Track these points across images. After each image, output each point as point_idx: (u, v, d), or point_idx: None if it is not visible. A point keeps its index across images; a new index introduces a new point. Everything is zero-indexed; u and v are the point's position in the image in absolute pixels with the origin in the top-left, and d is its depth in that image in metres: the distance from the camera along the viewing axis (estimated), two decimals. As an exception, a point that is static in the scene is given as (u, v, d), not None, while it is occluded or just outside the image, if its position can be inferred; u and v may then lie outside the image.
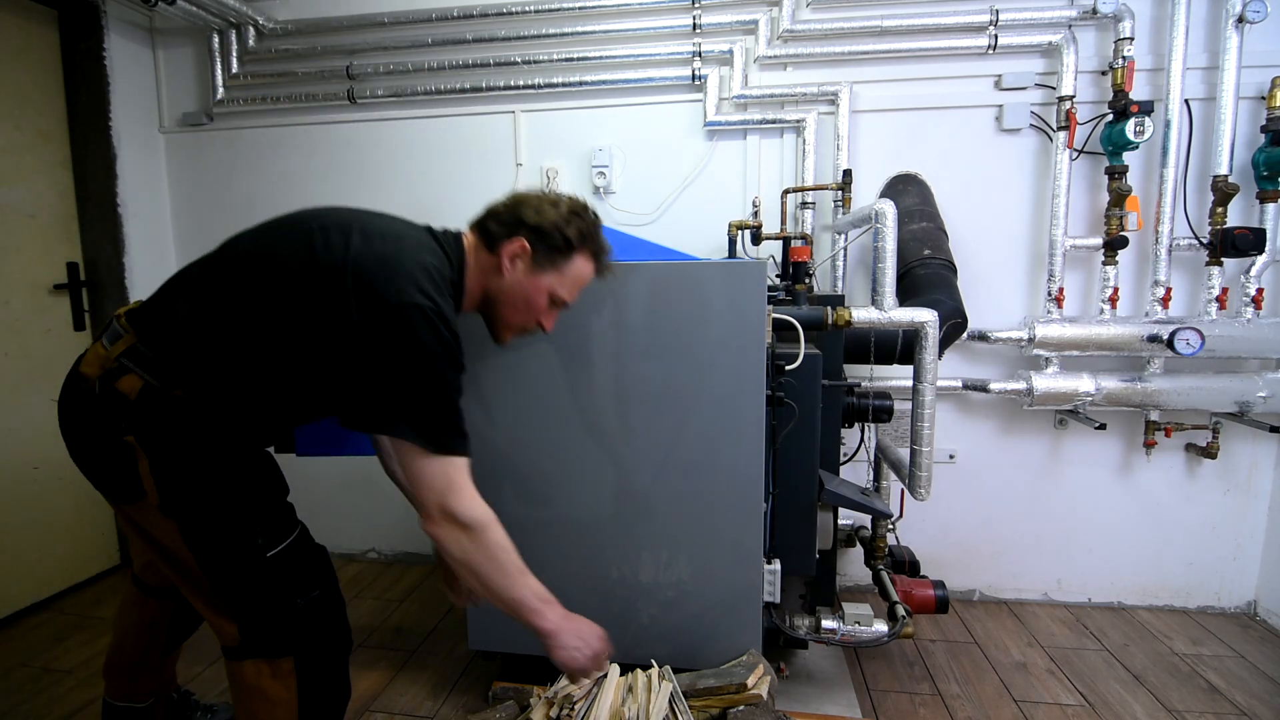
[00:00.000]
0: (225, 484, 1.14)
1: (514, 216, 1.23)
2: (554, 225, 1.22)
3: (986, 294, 2.22)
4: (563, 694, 1.48)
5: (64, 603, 2.33)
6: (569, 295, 1.29)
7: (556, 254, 1.24)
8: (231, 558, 1.16)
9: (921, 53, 2.17)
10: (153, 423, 1.09)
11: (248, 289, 1.10)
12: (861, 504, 1.65)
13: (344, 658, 1.29)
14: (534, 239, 1.22)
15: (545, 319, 1.29)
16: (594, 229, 1.28)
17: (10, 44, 2.23)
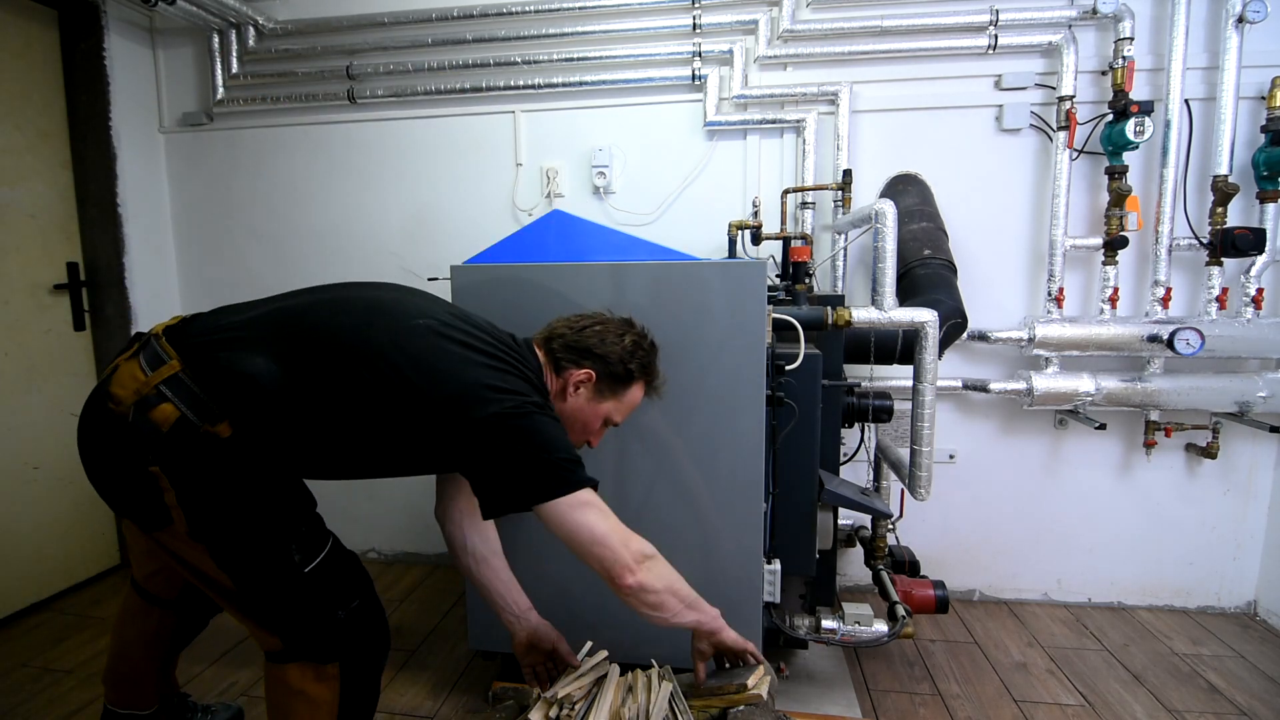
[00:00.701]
0: (255, 508, 1.12)
1: (583, 346, 1.29)
2: (619, 358, 1.29)
3: (986, 294, 2.22)
4: (563, 694, 1.48)
5: (64, 603, 2.33)
6: (621, 419, 1.36)
7: (618, 383, 1.31)
8: (269, 577, 1.15)
9: (921, 53, 2.17)
10: (182, 457, 1.06)
11: (346, 377, 1.09)
12: (861, 504, 1.65)
13: (383, 661, 1.31)
14: (599, 368, 1.29)
15: (594, 439, 1.37)
16: (653, 358, 1.36)
17: (10, 44, 2.23)
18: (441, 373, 1.10)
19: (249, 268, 2.61)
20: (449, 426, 1.10)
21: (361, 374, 1.09)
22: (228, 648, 2.03)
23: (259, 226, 2.61)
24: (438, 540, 2.64)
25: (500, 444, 1.09)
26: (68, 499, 2.39)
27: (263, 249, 2.59)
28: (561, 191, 2.41)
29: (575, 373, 1.28)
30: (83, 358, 2.45)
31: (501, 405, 1.09)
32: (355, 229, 2.55)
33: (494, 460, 1.10)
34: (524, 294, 1.55)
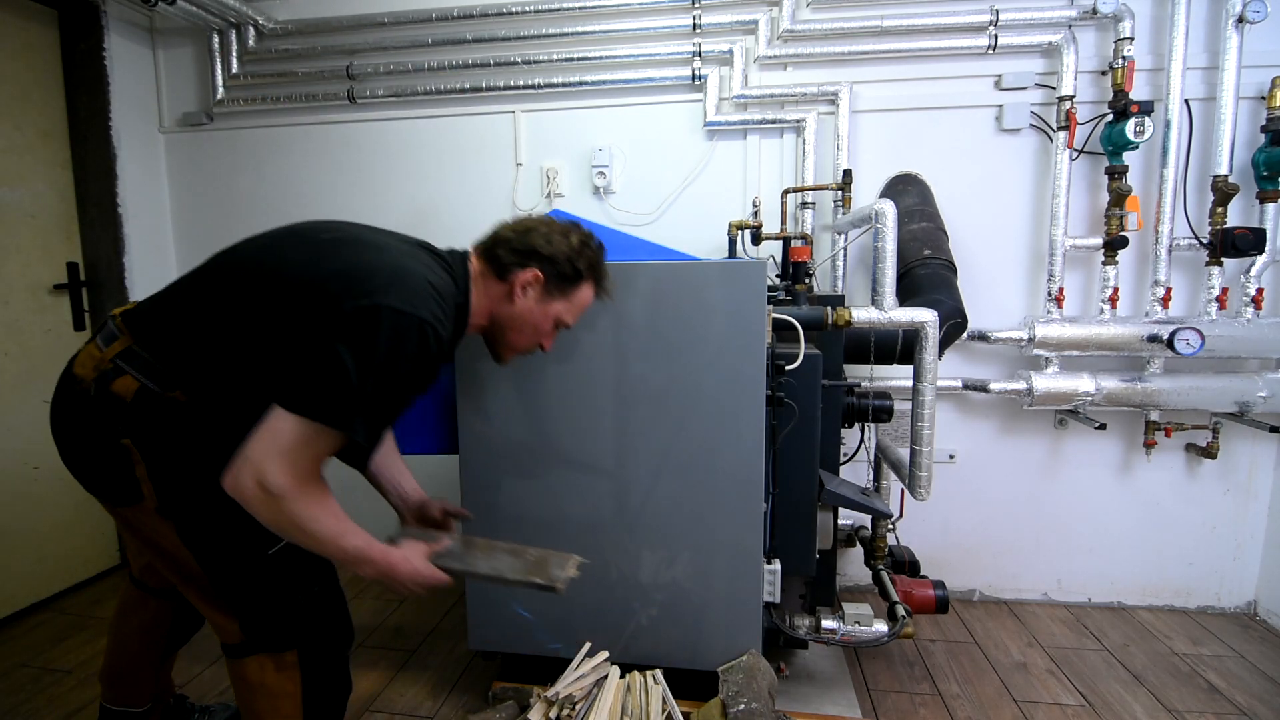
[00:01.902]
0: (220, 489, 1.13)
1: (527, 246, 1.25)
2: (566, 256, 1.26)
3: (986, 294, 2.22)
4: (563, 694, 1.48)
5: (64, 603, 2.33)
6: (573, 320, 1.34)
7: (566, 283, 1.28)
8: (232, 556, 1.16)
9: (921, 53, 2.17)
10: (149, 426, 1.09)
11: (246, 298, 1.09)
12: (861, 504, 1.65)
13: (345, 651, 1.30)
14: (546, 269, 1.26)
15: (547, 341, 1.34)
16: (600, 257, 1.33)
17: (10, 44, 2.23)
18: (332, 258, 1.10)
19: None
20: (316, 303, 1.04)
21: (269, 297, 1.08)
22: (228, 648, 2.04)
23: (259, 226, 2.55)
24: (438, 540, 2.65)
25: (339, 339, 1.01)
26: (68, 499, 2.39)
27: (263, 249, 2.60)
28: (561, 191, 2.41)
29: (522, 274, 1.25)
30: (83, 358, 2.45)
31: (377, 298, 1.03)
32: (355, 229, 2.55)
33: (315, 349, 1.02)
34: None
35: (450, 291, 1.17)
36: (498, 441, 1.61)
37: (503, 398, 1.59)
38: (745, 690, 1.45)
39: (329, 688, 1.26)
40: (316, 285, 1.06)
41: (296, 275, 1.09)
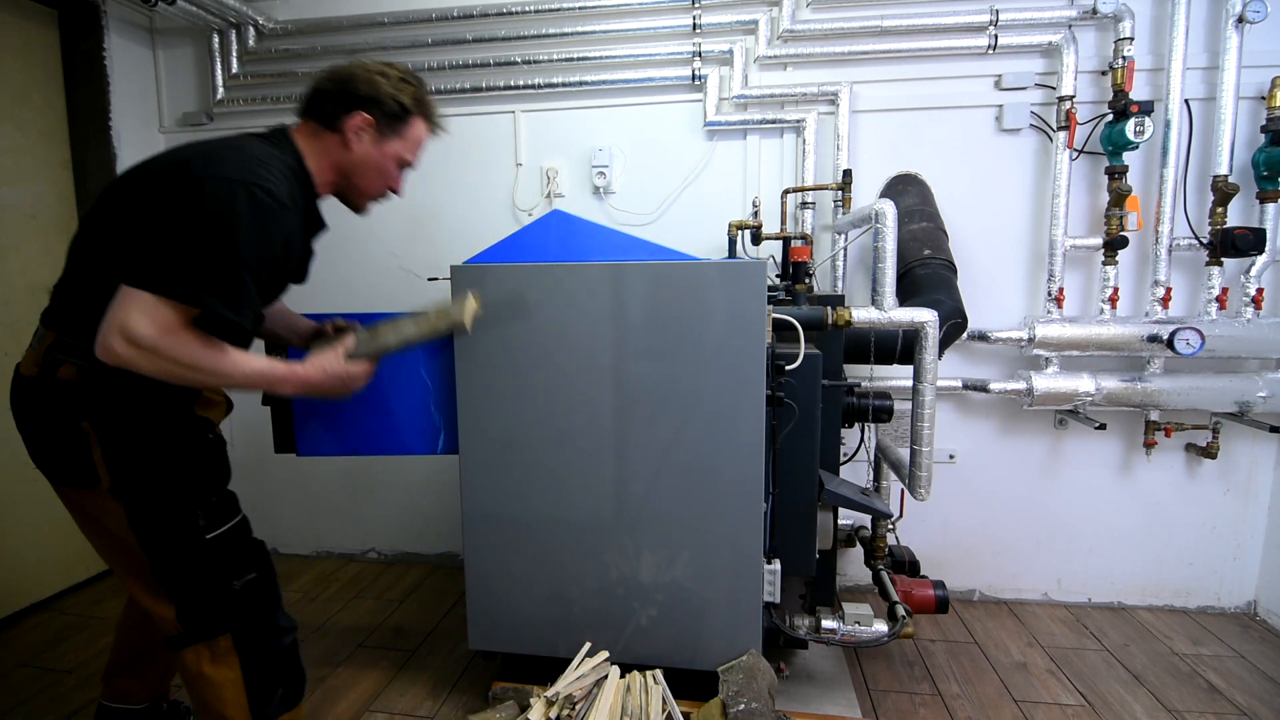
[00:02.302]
0: (172, 467, 1.20)
1: (348, 92, 1.28)
2: (390, 95, 1.28)
3: (986, 294, 2.22)
4: (563, 694, 1.48)
5: (64, 603, 2.33)
6: (413, 158, 1.37)
7: (396, 121, 1.31)
8: (173, 538, 1.21)
9: (921, 53, 2.17)
10: (99, 403, 1.15)
11: (108, 235, 1.15)
12: (861, 504, 1.65)
13: (284, 640, 1.31)
14: (374, 111, 1.28)
15: (396, 184, 1.39)
16: (424, 92, 1.35)
17: (10, 44, 2.23)
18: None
19: (249, 268, 2.61)
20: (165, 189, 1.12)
21: (120, 222, 1.15)
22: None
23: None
24: (438, 540, 2.65)
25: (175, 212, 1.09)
26: (68, 499, 2.39)
27: (263, 249, 2.60)
28: (561, 191, 2.41)
29: (351, 120, 1.27)
30: (83, 358, 2.45)
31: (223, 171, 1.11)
32: (354, 228, 2.54)
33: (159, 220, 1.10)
34: (524, 294, 1.55)
35: (274, 154, 1.21)
36: (498, 441, 1.61)
37: (503, 398, 1.59)
38: (745, 690, 1.45)
39: (272, 674, 1.28)
40: (148, 190, 1.15)
41: (132, 193, 1.17)
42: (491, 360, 1.58)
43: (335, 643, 2.07)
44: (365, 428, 1.70)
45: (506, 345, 1.57)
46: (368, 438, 1.71)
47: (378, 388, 1.69)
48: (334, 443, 1.71)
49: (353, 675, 1.90)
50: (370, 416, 1.70)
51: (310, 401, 1.69)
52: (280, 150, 1.24)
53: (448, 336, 1.41)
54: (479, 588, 1.67)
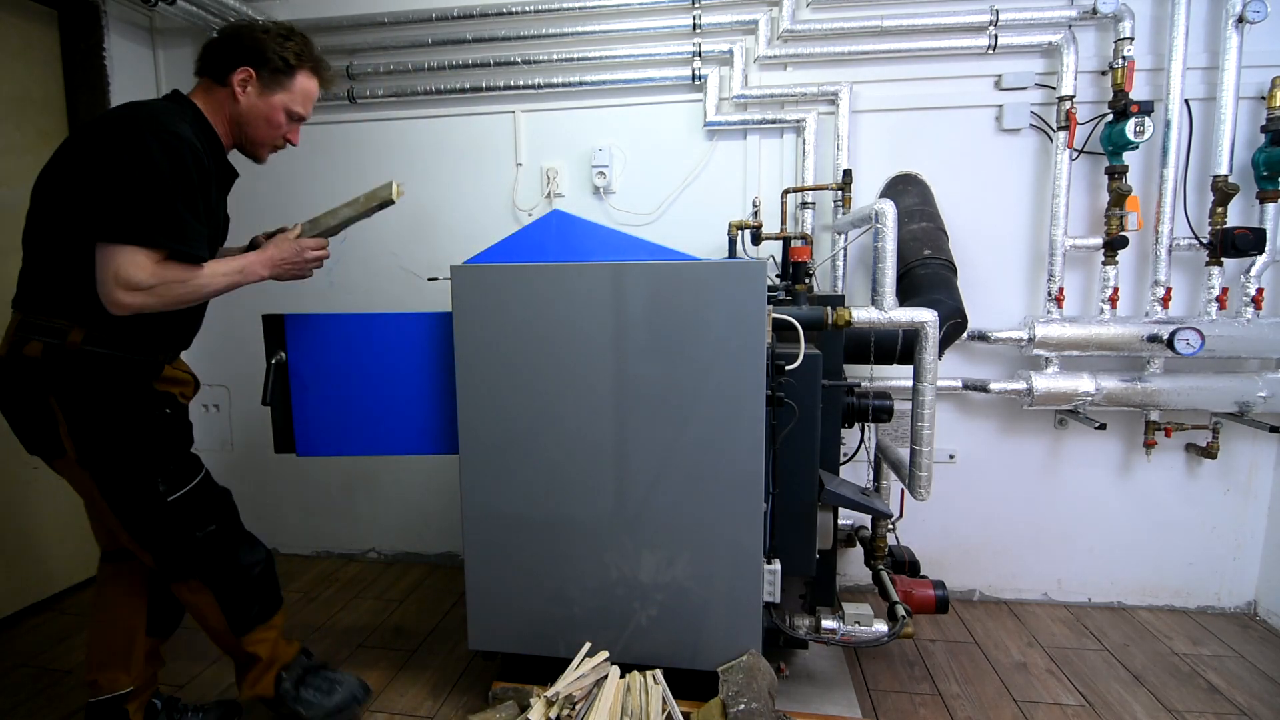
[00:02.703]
0: (130, 439, 1.34)
1: (232, 49, 1.40)
2: (271, 50, 1.40)
3: (986, 294, 2.22)
4: (563, 694, 1.48)
5: (64, 603, 2.34)
6: (303, 109, 1.48)
7: (280, 75, 1.42)
8: (137, 501, 1.37)
9: (921, 53, 2.17)
10: (63, 378, 1.28)
11: (64, 211, 1.27)
12: (861, 504, 1.65)
13: (253, 571, 1.50)
14: (256, 65, 1.40)
15: (289, 134, 1.50)
16: (309, 48, 1.46)
17: (10, 44, 2.23)
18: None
19: (249, 268, 2.61)
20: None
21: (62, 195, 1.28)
22: (228, 648, 2.04)
23: (258, 226, 2.56)
24: (438, 540, 2.65)
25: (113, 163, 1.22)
26: (68, 499, 2.38)
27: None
28: (561, 191, 2.41)
29: (236, 74, 1.39)
30: (83, 358, 2.45)
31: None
32: (354, 228, 2.55)
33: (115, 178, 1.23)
34: (524, 294, 1.55)
35: (173, 108, 1.35)
36: (498, 441, 1.61)
37: (503, 398, 1.59)
38: (745, 690, 1.45)
39: (243, 597, 1.49)
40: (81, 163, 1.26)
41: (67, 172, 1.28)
42: (491, 360, 1.58)
43: (335, 643, 2.07)
44: (365, 428, 1.70)
45: (507, 345, 1.58)
46: (368, 438, 1.71)
47: (378, 387, 1.69)
48: (334, 443, 1.72)
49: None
50: (370, 416, 1.70)
51: (310, 401, 1.69)
52: (179, 106, 1.39)
53: (373, 211, 1.57)
54: (479, 588, 1.67)
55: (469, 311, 1.58)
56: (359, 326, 1.68)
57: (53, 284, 1.28)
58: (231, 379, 2.65)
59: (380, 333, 1.67)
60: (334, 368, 1.68)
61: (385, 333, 1.67)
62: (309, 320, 1.68)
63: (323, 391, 1.69)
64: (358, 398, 1.69)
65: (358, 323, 1.68)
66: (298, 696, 1.56)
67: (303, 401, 1.70)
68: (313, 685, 1.59)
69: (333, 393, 1.69)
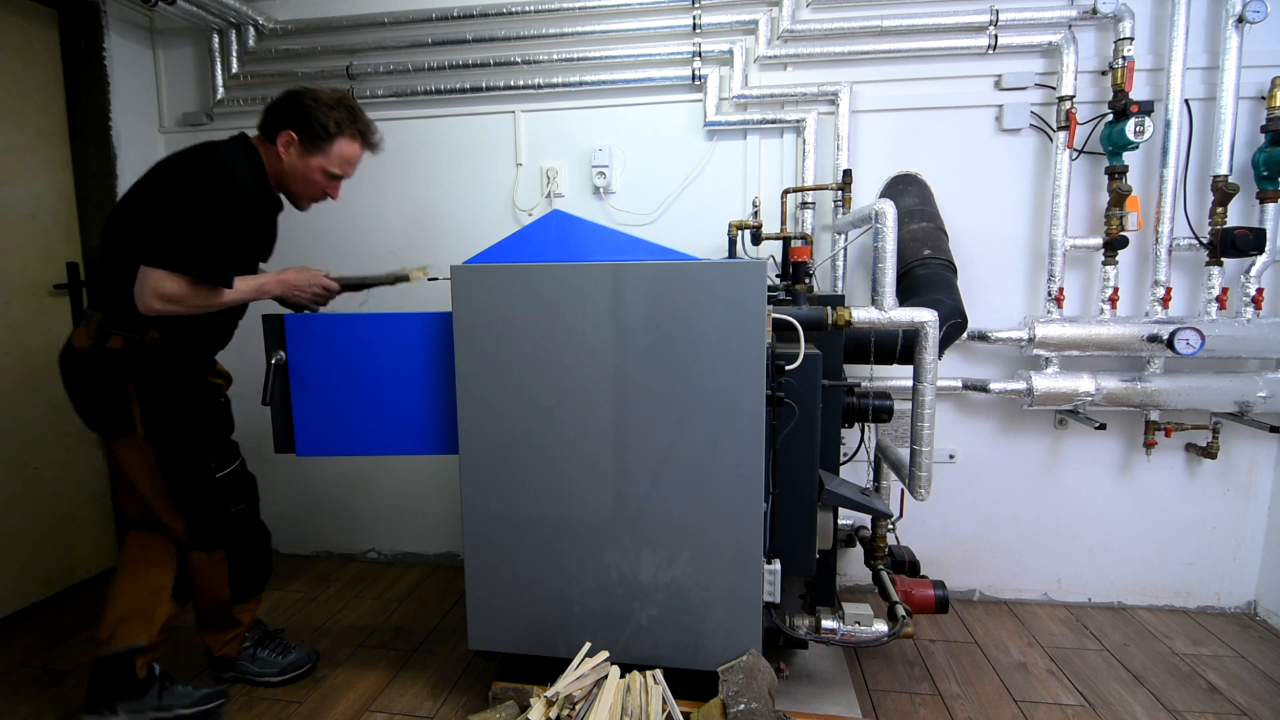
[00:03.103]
0: (192, 420, 1.59)
1: (282, 112, 1.59)
2: (315, 116, 1.57)
3: (986, 294, 2.22)
4: (563, 694, 1.48)
5: (64, 603, 2.33)
6: (340, 171, 1.64)
7: (320, 140, 1.59)
8: (190, 475, 1.61)
9: (921, 53, 2.17)
10: (139, 367, 1.51)
11: (132, 227, 1.48)
12: (861, 504, 1.65)
13: (260, 548, 1.78)
14: (299, 129, 1.58)
15: (329, 189, 1.68)
16: (352, 116, 1.62)
17: (10, 44, 2.23)
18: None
19: (249, 268, 2.61)
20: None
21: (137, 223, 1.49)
22: (228, 648, 2.04)
23: (259, 226, 2.61)
24: (437, 540, 2.65)
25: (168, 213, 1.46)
26: (68, 499, 2.39)
27: (263, 249, 2.59)
28: (561, 191, 2.41)
29: (281, 136, 1.59)
30: (83, 358, 2.45)
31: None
32: (355, 228, 2.55)
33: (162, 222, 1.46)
34: (524, 294, 1.55)
35: (236, 150, 1.56)
36: (498, 441, 1.61)
37: (502, 398, 1.59)
38: (745, 690, 1.45)
39: (249, 570, 1.74)
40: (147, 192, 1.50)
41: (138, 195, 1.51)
42: (491, 360, 1.59)
43: (335, 643, 2.07)
44: (365, 428, 1.70)
45: (507, 345, 1.58)
46: (368, 438, 1.71)
47: (378, 387, 1.69)
48: (334, 443, 1.72)
49: (353, 675, 1.90)
50: (370, 416, 1.70)
51: (310, 401, 1.70)
52: (244, 149, 1.59)
53: (392, 282, 1.78)
54: (479, 588, 1.67)
55: (469, 311, 1.58)
56: (359, 326, 1.68)
57: (128, 288, 1.47)
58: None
59: (380, 333, 1.67)
60: (334, 368, 1.68)
61: (385, 333, 1.67)
62: (309, 320, 1.69)
63: (322, 391, 1.69)
64: (357, 398, 1.69)
65: (357, 323, 1.68)
66: (254, 655, 1.81)
67: (302, 401, 1.70)
68: (268, 646, 1.84)
69: (332, 393, 1.69)
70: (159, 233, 1.44)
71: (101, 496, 2.52)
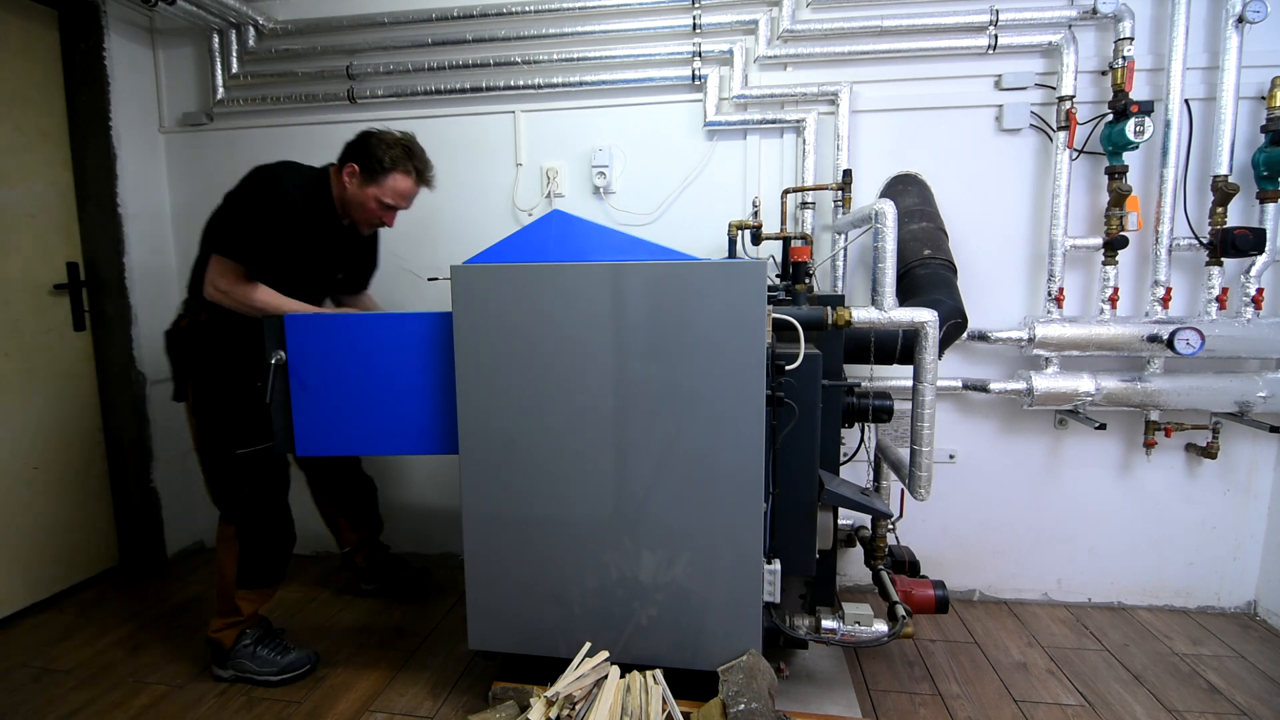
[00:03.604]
0: (222, 396, 1.77)
1: (351, 148, 1.85)
2: (372, 154, 1.80)
3: (986, 294, 2.22)
4: (563, 694, 1.48)
5: (64, 603, 2.33)
6: (393, 202, 1.84)
7: (377, 173, 1.80)
8: (214, 447, 1.80)
9: (921, 53, 2.17)
10: (198, 345, 1.78)
11: (215, 220, 1.82)
12: (861, 504, 1.65)
13: (273, 547, 1.88)
14: (360, 163, 1.81)
15: (385, 218, 1.88)
16: (408, 155, 1.83)
17: (10, 44, 2.23)
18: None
19: (249, 268, 2.61)
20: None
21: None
22: (228, 648, 2.04)
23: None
24: (437, 540, 2.65)
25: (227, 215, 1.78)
26: (68, 499, 2.39)
27: (263, 249, 2.59)
28: (561, 191, 2.41)
29: (345, 168, 1.83)
30: (83, 358, 2.45)
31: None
32: (355, 229, 2.55)
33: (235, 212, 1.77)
34: (524, 294, 1.55)
35: (312, 175, 1.85)
36: (498, 441, 1.61)
37: (502, 398, 1.59)
38: (745, 690, 1.45)
39: (258, 559, 1.85)
40: (227, 197, 1.80)
41: (225, 200, 1.82)
42: (491, 360, 1.59)
43: (335, 642, 2.07)
44: (365, 428, 1.70)
45: (507, 345, 1.58)
46: (368, 438, 1.71)
47: (378, 387, 1.69)
48: (334, 443, 1.72)
49: (353, 675, 1.90)
50: (370, 416, 1.70)
51: (310, 401, 1.70)
52: (316, 174, 1.86)
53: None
54: (479, 588, 1.67)
55: (469, 312, 1.58)
56: (359, 326, 1.68)
57: (197, 283, 1.78)
58: (231, 379, 2.65)
59: (380, 333, 1.67)
60: (334, 368, 1.68)
61: (385, 333, 1.67)
62: (309, 320, 1.68)
63: (323, 391, 1.69)
64: (357, 398, 1.69)
65: (358, 323, 1.68)
66: (254, 653, 1.86)
67: (303, 401, 1.70)
68: (268, 645, 1.88)
69: (333, 393, 1.69)
70: (222, 226, 1.75)
71: (102, 496, 2.52)
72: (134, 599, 2.36)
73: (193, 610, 2.28)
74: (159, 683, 1.87)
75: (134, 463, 2.52)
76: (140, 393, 2.51)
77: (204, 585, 2.46)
